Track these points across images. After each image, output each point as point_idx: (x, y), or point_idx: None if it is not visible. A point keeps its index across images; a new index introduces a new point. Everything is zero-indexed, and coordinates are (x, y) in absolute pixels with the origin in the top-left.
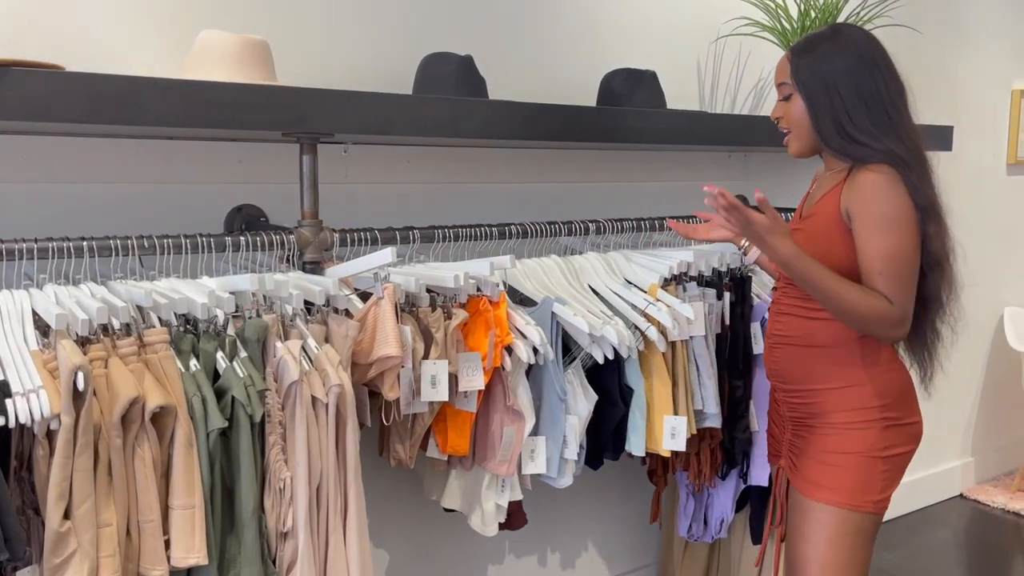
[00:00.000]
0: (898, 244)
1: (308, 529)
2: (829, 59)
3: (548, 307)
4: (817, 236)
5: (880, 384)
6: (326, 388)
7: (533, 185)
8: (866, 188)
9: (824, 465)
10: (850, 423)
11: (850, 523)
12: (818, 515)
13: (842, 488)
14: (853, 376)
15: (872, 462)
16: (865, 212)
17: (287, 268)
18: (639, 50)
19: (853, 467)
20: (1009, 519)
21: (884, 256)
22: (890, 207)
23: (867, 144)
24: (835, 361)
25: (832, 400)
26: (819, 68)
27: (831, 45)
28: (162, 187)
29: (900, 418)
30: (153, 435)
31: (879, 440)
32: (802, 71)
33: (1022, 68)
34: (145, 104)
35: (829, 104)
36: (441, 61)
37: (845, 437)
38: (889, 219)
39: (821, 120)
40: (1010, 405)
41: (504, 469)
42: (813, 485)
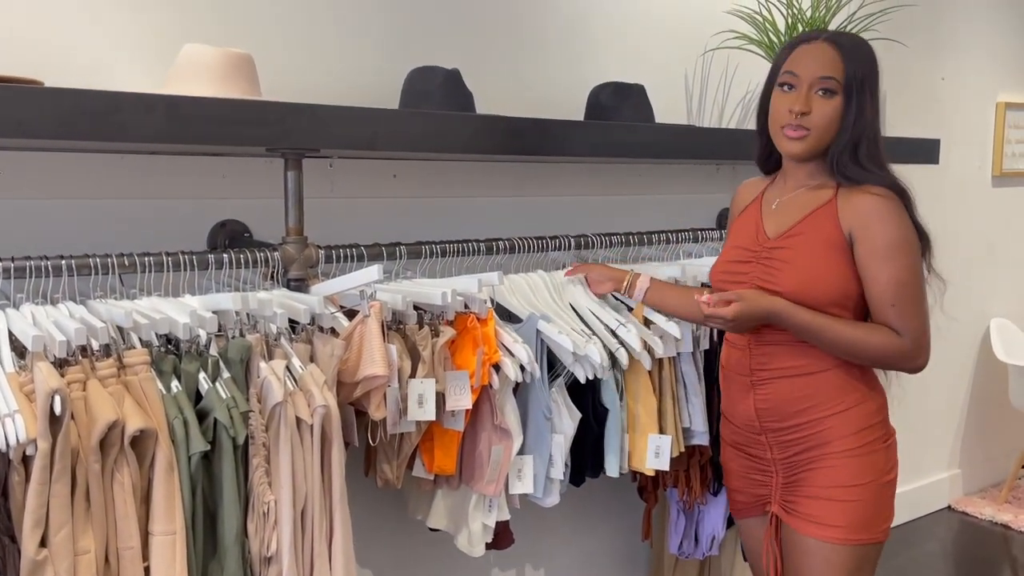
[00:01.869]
0: (907, 271)
1: (293, 554)
2: (874, 68)
3: (534, 324)
4: (815, 254)
5: (878, 398)
6: (311, 409)
7: (521, 199)
8: (871, 212)
9: (831, 502)
10: (856, 448)
11: (862, 557)
12: (828, 555)
13: (855, 524)
14: (857, 395)
15: (882, 489)
16: (872, 238)
17: (271, 286)
18: (627, 64)
19: (865, 499)
20: (997, 531)
21: (895, 284)
22: (897, 232)
23: (873, 171)
24: (837, 383)
25: (838, 425)
26: (871, 74)
27: (868, 50)
28: (144, 203)
29: (890, 434)
30: (133, 459)
31: (885, 462)
32: (858, 71)
33: (1006, 81)
34: (126, 119)
35: (861, 118)
36: (427, 75)
37: (855, 466)
38: (897, 245)
39: (849, 132)
40: (997, 416)
41: (492, 489)
42: (819, 526)
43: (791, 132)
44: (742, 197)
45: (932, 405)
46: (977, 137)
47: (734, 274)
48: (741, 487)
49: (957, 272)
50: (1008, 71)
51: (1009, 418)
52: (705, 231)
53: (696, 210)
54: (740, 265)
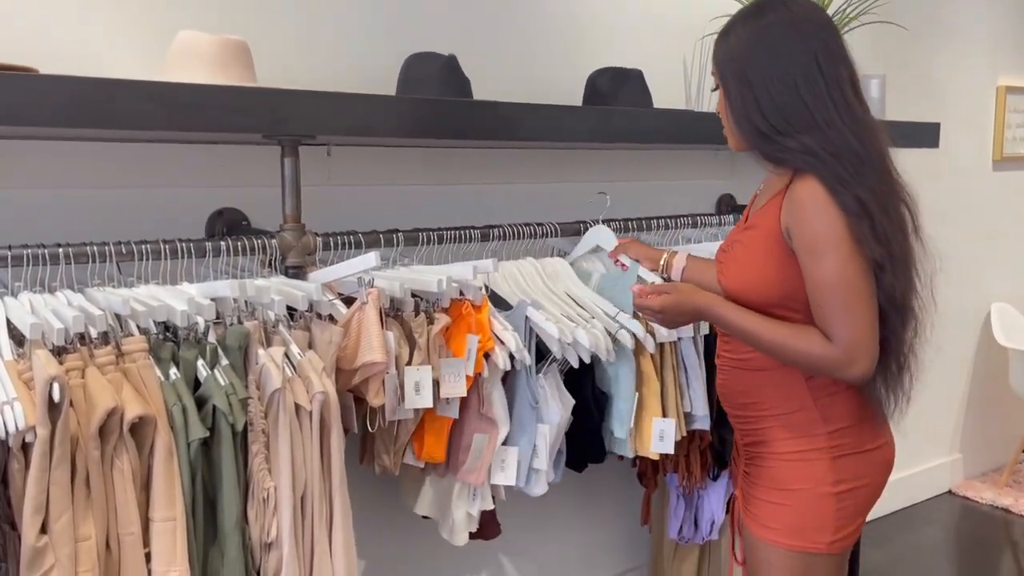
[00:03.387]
0: (832, 270)
1: (293, 539)
2: (743, 37)
3: (522, 311)
4: (754, 250)
5: (827, 407)
6: (310, 395)
7: (519, 186)
8: (800, 205)
9: (768, 503)
10: (795, 453)
11: (801, 565)
12: (767, 555)
13: (787, 528)
14: (799, 400)
15: (821, 499)
16: (799, 234)
17: (269, 273)
18: (625, 49)
19: (798, 505)
20: (998, 515)
21: (821, 285)
22: (819, 227)
23: (776, 140)
24: (779, 384)
25: (777, 427)
26: (733, 51)
27: (753, 21)
28: (141, 191)
29: (856, 446)
30: (132, 446)
31: (829, 473)
32: (719, 53)
33: (1007, 64)
34: (121, 107)
35: (738, 92)
36: (425, 61)
37: (790, 471)
38: (819, 240)
39: (735, 112)
40: (998, 401)
41: (473, 478)
42: (759, 525)
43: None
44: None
45: (932, 389)
46: (977, 121)
47: (719, 261)
48: (735, 458)
49: (958, 256)
50: (1008, 55)
51: (1009, 402)
52: (704, 216)
53: (695, 195)
54: (721, 253)
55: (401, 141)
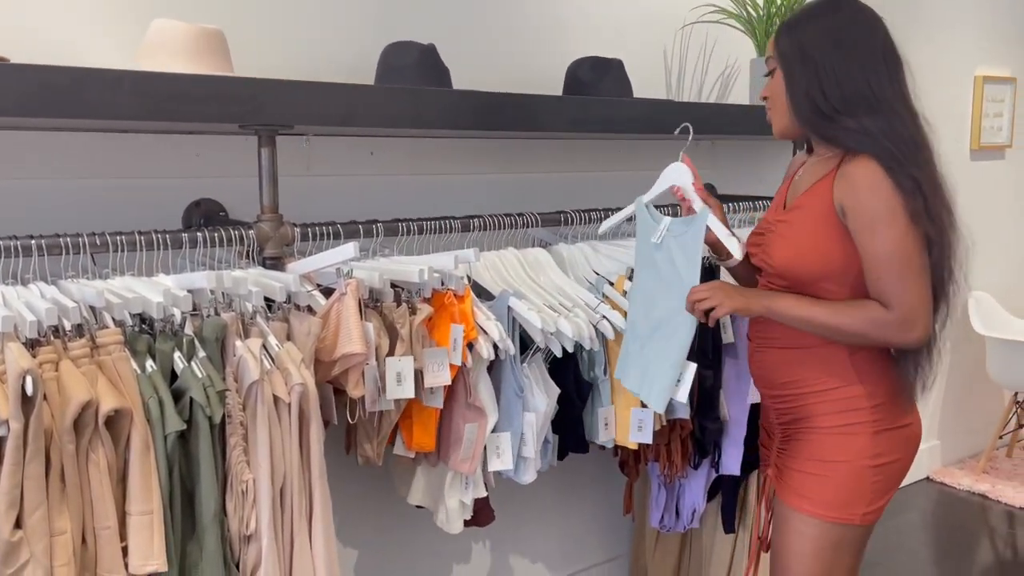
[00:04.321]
0: (891, 242)
1: (272, 531)
2: (812, 28)
3: (505, 301)
4: (805, 228)
5: (870, 383)
6: (288, 387)
7: (499, 176)
8: (855, 183)
9: (807, 475)
10: (838, 427)
11: (834, 535)
12: (801, 526)
13: (826, 500)
14: (842, 376)
15: (861, 472)
16: (858, 210)
17: (247, 264)
18: (605, 38)
19: (839, 477)
20: (975, 500)
21: (883, 257)
22: (877, 203)
23: (837, 120)
24: (823, 361)
25: (820, 403)
26: (799, 37)
27: (819, 13)
28: (116, 182)
29: (892, 421)
30: (108, 439)
31: (869, 446)
32: (783, 42)
33: (983, 54)
34: (94, 96)
35: (802, 74)
36: (403, 50)
37: (832, 443)
38: (878, 216)
39: (795, 93)
40: (975, 389)
41: (466, 467)
42: (796, 495)
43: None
44: (791, 168)
45: None
46: (956, 111)
47: (754, 244)
48: (763, 441)
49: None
50: (985, 45)
51: (987, 390)
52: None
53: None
54: (759, 236)
55: (380, 131)
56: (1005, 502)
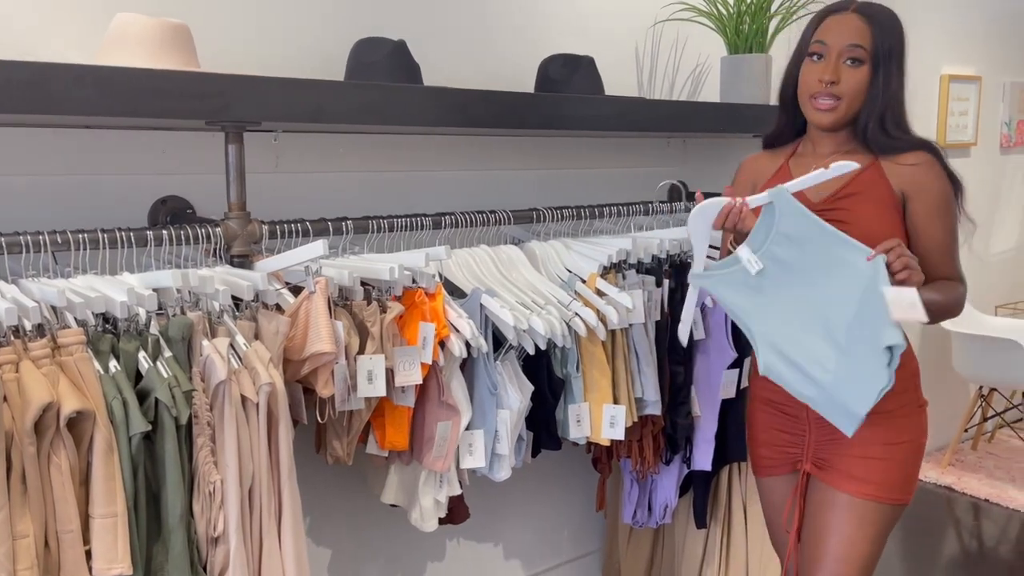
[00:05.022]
0: (953, 225)
1: (240, 533)
2: (901, 38)
3: (477, 299)
4: (869, 212)
5: (911, 363)
6: (256, 387)
7: (470, 173)
8: (923, 174)
9: (872, 460)
10: (894, 411)
11: (893, 517)
12: (862, 512)
13: (889, 482)
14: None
15: (916, 450)
16: (926, 195)
17: (214, 262)
18: (576, 35)
19: (900, 459)
20: (941, 493)
21: (951, 238)
22: (946, 190)
23: (900, 137)
24: None
25: None
26: (898, 44)
27: (894, 20)
28: (79, 179)
29: (924, 401)
30: (70, 442)
31: (919, 425)
32: (885, 41)
33: (949, 53)
34: (57, 91)
35: (888, 88)
36: (373, 46)
37: (892, 426)
38: (947, 201)
39: (877, 101)
40: (941, 383)
41: (440, 464)
42: (859, 482)
43: (821, 103)
44: (754, 169)
45: None
46: (922, 109)
47: None
48: (771, 444)
49: None
50: (951, 44)
51: (952, 384)
52: (656, 204)
53: (647, 183)
54: None
55: (350, 127)
56: (970, 494)
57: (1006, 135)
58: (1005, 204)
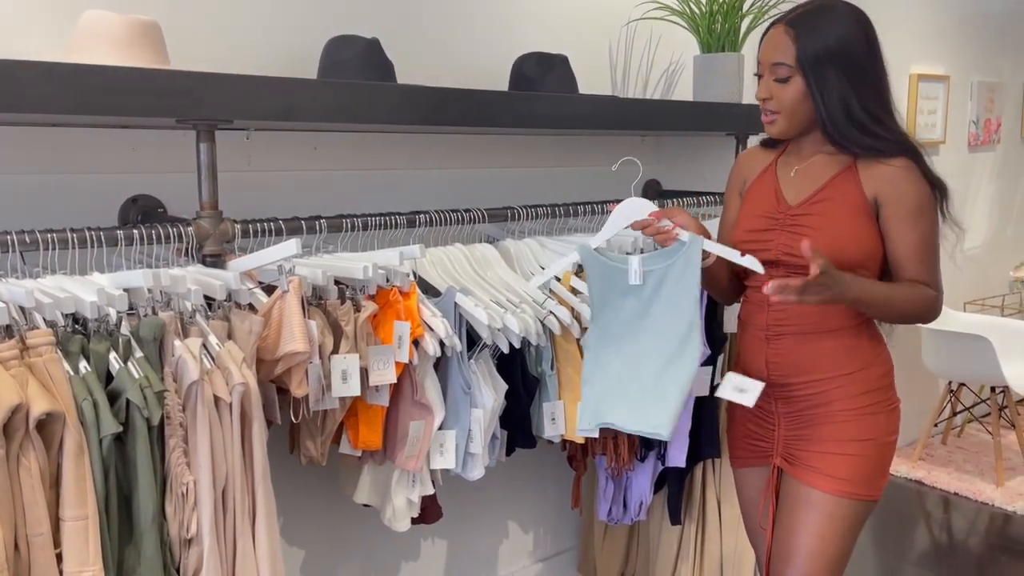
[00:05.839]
0: (931, 230)
1: (214, 534)
2: (837, 38)
3: (451, 297)
4: (840, 218)
5: (885, 363)
6: (229, 387)
7: (445, 171)
8: (896, 179)
9: (836, 455)
10: (861, 408)
11: (862, 512)
12: (832, 508)
13: (857, 478)
14: (863, 358)
15: (883, 448)
16: (900, 201)
17: (186, 262)
18: (550, 34)
19: (868, 455)
20: (911, 487)
21: (924, 244)
22: (922, 196)
23: (878, 134)
24: (846, 344)
25: (844, 386)
26: (828, 49)
27: (833, 22)
28: (47, 178)
29: (894, 401)
30: (39, 444)
31: (887, 424)
32: (809, 52)
33: (918, 53)
34: (24, 89)
35: (840, 90)
36: (346, 44)
37: (859, 423)
38: (921, 207)
39: (829, 107)
40: (912, 379)
41: (412, 464)
42: (824, 477)
43: (764, 117)
44: (747, 165)
45: None
46: None
47: (759, 241)
48: (742, 436)
49: None
50: (920, 43)
51: (922, 379)
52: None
53: (622, 181)
54: (763, 233)
55: (323, 126)
56: (940, 488)
57: (974, 133)
58: (973, 201)
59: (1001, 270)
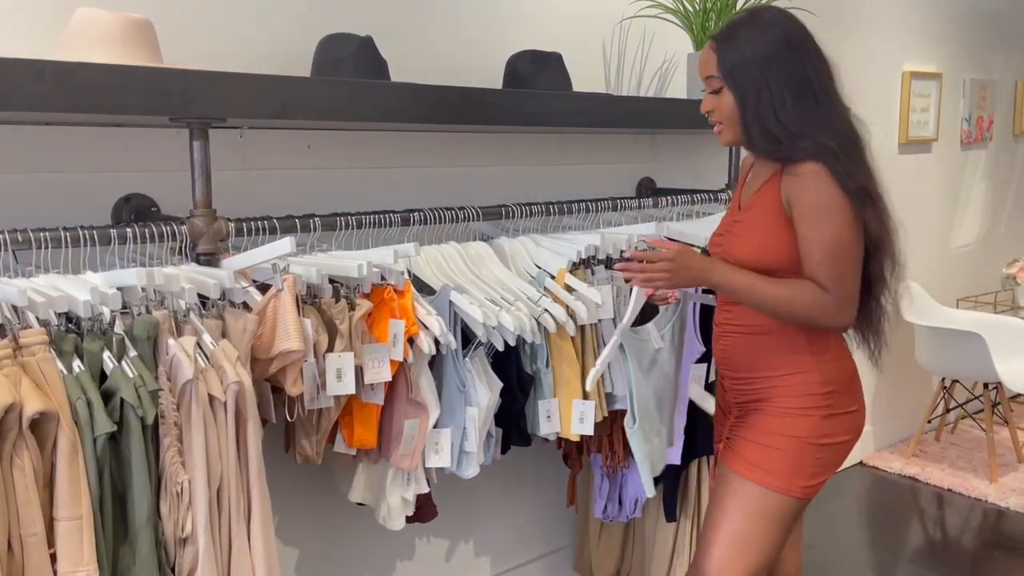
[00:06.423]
0: (834, 234)
1: (209, 534)
2: (754, 48)
3: (446, 296)
4: (757, 226)
5: (826, 372)
6: (224, 386)
7: (438, 170)
8: (801, 180)
9: (756, 444)
10: (793, 408)
11: (770, 503)
12: (740, 487)
13: (769, 469)
14: (800, 363)
15: (807, 447)
16: (802, 203)
17: (180, 261)
18: (544, 32)
19: (787, 450)
20: (905, 483)
21: (822, 246)
22: (824, 198)
23: (790, 143)
24: (783, 348)
25: (779, 387)
26: (745, 59)
27: (754, 32)
28: (40, 176)
29: (843, 407)
30: (33, 443)
31: (818, 428)
32: (728, 62)
33: (911, 50)
34: (16, 87)
35: (757, 99)
36: (340, 42)
37: (786, 421)
38: (824, 209)
39: (749, 116)
40: (905, 376)
41: (407, 463)
42: (742, 461)
43: (714, 129)
44: (746, 165)
45: None
46: (884, 106)
47: (719, 246)
48: (719, 419)
49: None
50: (912, 41)
51: (916, 376)
52: (624, 199)
53: (615, 179)
54: (721, 237)
55: (316, 124)
56: (934, 484)
57: (966, 131)
58: (965, 199)
59: (993, 267)
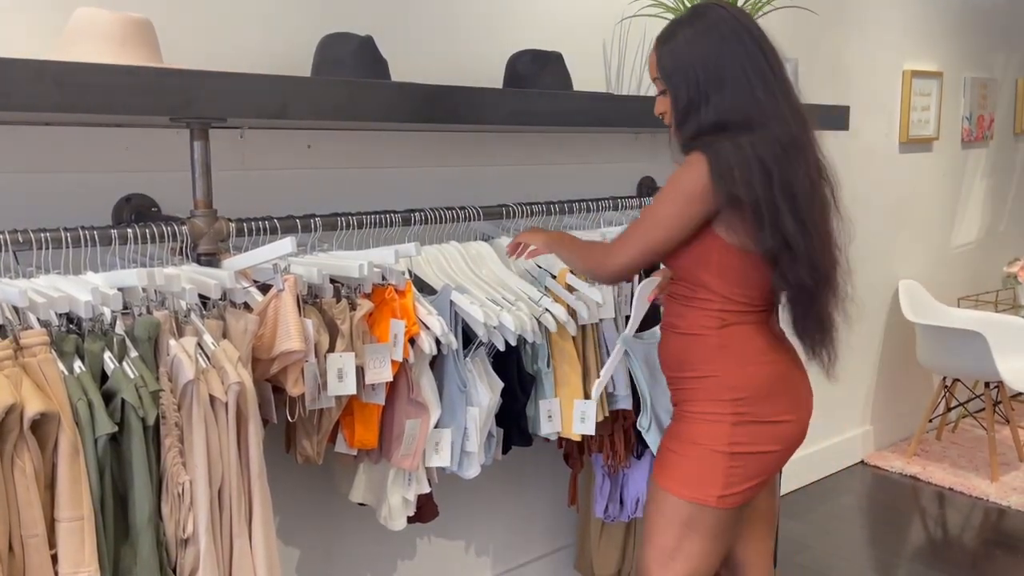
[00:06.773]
0: (650, 211)
1: (210, 534)
2: (694, 44)
3: (447, 296)
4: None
5: (736, 378)
6: (225, 386)
7: (440, 169)
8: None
9: (670, 452)
10: (701, 414)
11: (685, 513)
12: (658, 498)
13: (680, 478)
14: (708, 367)
15: (714, 456)
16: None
17: (180, 261)
18: (544, 31)
19: (693, 458)
20: (906, 482)
21: (637, 221)
22: (678, 180)
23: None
24: (695, 350)
25: (696, 389)
26: (681, 57)
27: (691, 31)
28: (40, 177)
29: (759, 416)
30: (34, 444)
31: (727, 435)
32: (665, 62)
33: (912, 49)
34: (14, 87)
35: (676, 101)
36: (340, 42)
37: (695, 427)
38: (669, 187)
39: (679, 116)
40: (906, 374)
41: (408, 463)
42: (661, 472)
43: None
44: None
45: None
46: (885, 104)
47: None
48: None
49: (868, 236)
50: (914, 40)
51: (916, 375)
52: (625, 199)
53: (616, 178)
54: None
55: (317, 124)
56: (935, 483)
57: (967, 129)
58: (966, 197)
59: (994, 266)
